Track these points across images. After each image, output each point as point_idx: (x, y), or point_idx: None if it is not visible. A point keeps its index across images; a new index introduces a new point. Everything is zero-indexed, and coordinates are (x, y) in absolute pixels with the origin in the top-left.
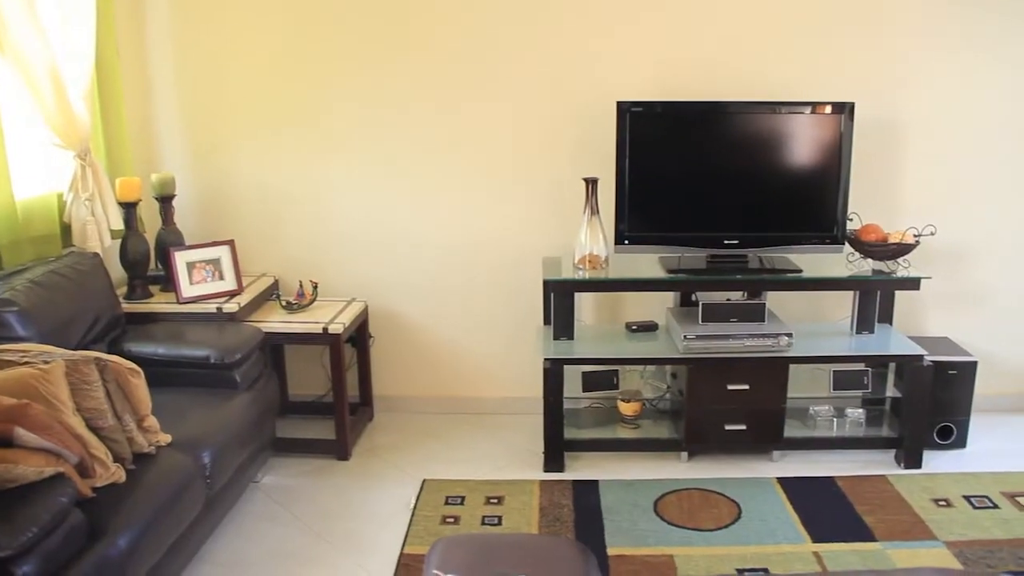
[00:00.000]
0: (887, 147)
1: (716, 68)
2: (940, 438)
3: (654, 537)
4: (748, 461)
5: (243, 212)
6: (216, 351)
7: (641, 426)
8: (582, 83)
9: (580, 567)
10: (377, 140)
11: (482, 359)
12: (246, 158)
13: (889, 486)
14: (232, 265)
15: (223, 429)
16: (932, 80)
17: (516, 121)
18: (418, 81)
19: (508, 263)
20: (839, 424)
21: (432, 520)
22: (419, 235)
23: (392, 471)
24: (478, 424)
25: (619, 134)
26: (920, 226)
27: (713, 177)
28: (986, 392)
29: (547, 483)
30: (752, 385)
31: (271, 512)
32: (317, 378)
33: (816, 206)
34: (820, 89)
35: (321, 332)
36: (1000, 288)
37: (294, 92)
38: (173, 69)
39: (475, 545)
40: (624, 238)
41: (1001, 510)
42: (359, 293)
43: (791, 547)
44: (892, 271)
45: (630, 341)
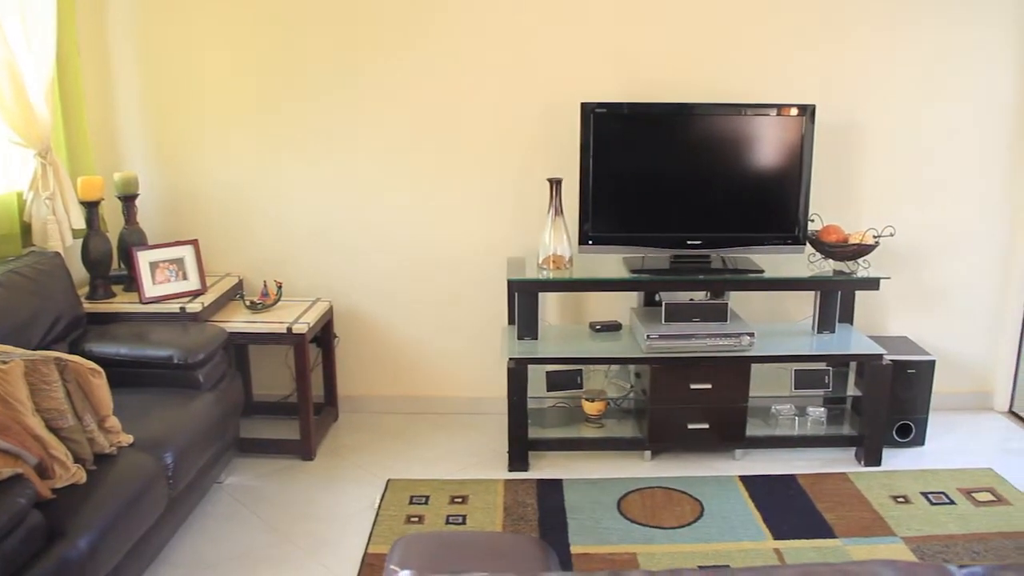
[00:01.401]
0: (848, 149)
1: (678, 69)
2: (899, 436)
3: (617, 535)
4: (711, 459)
5: (207, 212)
6: (179, 351)
7: (605, 425)
8: (547, 84)
9: (540, 563)
10: (341, 140)
11: (447, 359)
12: (210, 157)
13: (849, 484)
14: (196, 265)
15: (186, 429)
16: (891, 84)
17: (481, 121)
18: (382, 81)
19: (473, 263)
20: (800, 423)
21: (396, 520)
22: (384, 235)
23: (357, 471)
24: (443, 424)
25: (583, 135)
26: (880, 227)
27: (676, 178)
28: (944, 391)
29: (511, 482)
30: (715, 384)
31: (235, 513)
32: (282, 378)
33: (778, 207)
34: (780, 92)
35: (285, 332)
36: (957, 288)
37: (257, 91)
38: (136, 68)
39: (435, 543)
40: (588, 238)
41: (957, 506)
42: (324, 293)
43: (752, 544)
44: (852, 271)
45: (594, 341)
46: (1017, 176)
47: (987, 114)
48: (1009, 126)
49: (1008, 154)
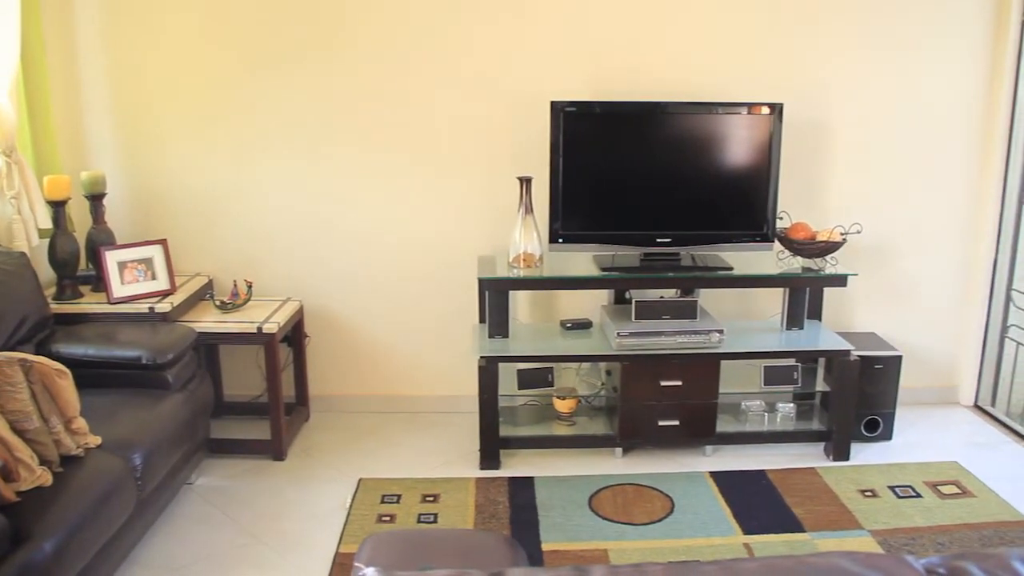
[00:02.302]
0: (816, 148)
1: (648, 68)
2: (867, 431)
3: (588, 532)
4: (681, 456)
5: (176, 211)
6: (148, 351)
7: (576, 423)
8: (517, 82)
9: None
10: (310, 140)
11: (418, 358)
12: (179, 156)
13: (818, 478)
14: (165, 265)
15: (155, 430)
16: (857, 83)
17: (451, 121)
18: (351, 80)
19: (443, 262)
20: (770, 418)
21: (368, 519)
22: (354, 234)
23: (328, 471)
24: (414, 423)
25: (553, 134)
26: (847, 224)
27: (646, 176)
28: (911, 386)
29: (483, 480)
30: (685, 381)
31: (205, 514)
32: (252, 378)
33: (747, 205)
34: (747, 90)
35: (256, 332)
36: (923, 284)
37: (227, 91)
38: (103, 66)
39: (404, 540)
40: (558, 237)
41: (924, 499)
42: (294, 292)
43: (722, 539)
44: (820, 268)
45: (565, 339)
46: (982, 175)
47: (953, 113)
48: (975, 125)
49: (973, 153)
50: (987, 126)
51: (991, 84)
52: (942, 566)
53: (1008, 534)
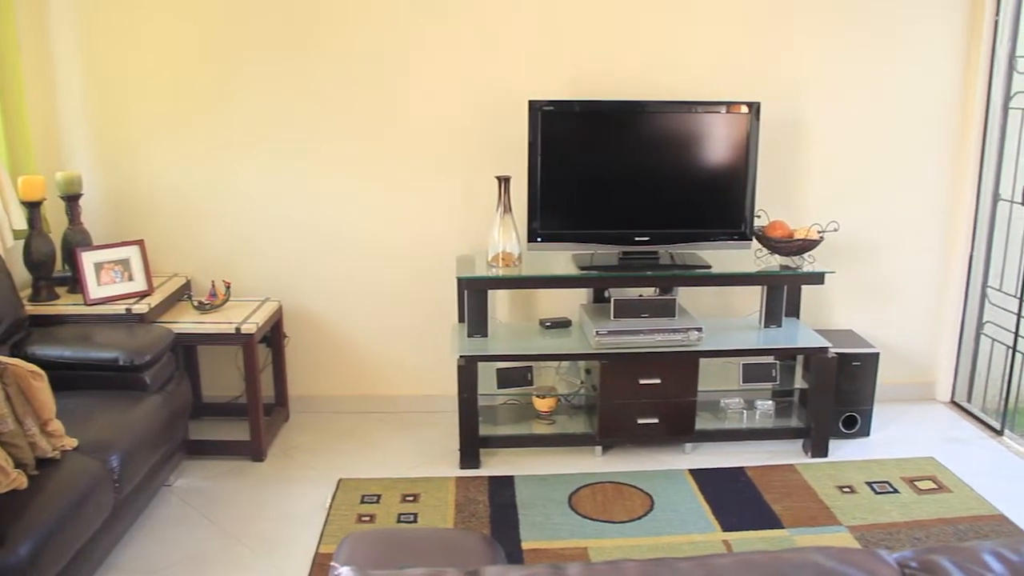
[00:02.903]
0: (793, 146)
1: (623, 68)
2: (845, 427)
3: (568, 530)
4: (661, 454)
5: (153, 211)
6: (125, 353)
7: (556, 421)
8: (495, 82)
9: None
10: (289, 139)
11: (398, 357)
12: (156, 156)
13: (797, 475)
14: (142, 265)
15: (132, 432)
16: (833, 82)
17: (429, 120)
18: (329, 80)
19: (422, 261)
20: (749, 416)
21: (348, 519)
22: (333, 234)
23: (308, 471)
24: (394, 422)
25: (531, 133)
26: (824, 222)
27: (624, 175)
28: (888, 382)
29: (463, 480)
30: (664, 379)
31: (184, 515)
32: (232, 379)
33: (725, 203)
34: (724, 90)
35: (234, 332)
36: (900, 282)
37: (204, 89)
38: (79, 65)
39: (382, 540)
40: (537, 236)
41: (901, 494)
42: (273, 293)
43: (701, 536)
44: (798, 266)
45: (544, 338)
46: (957, 172)
47: (929, 111)
48: (950, 123)
49: (948, 151)
50: (962, 124)
51: (966, 83)
52: (914, 560)
53: (983, 528)
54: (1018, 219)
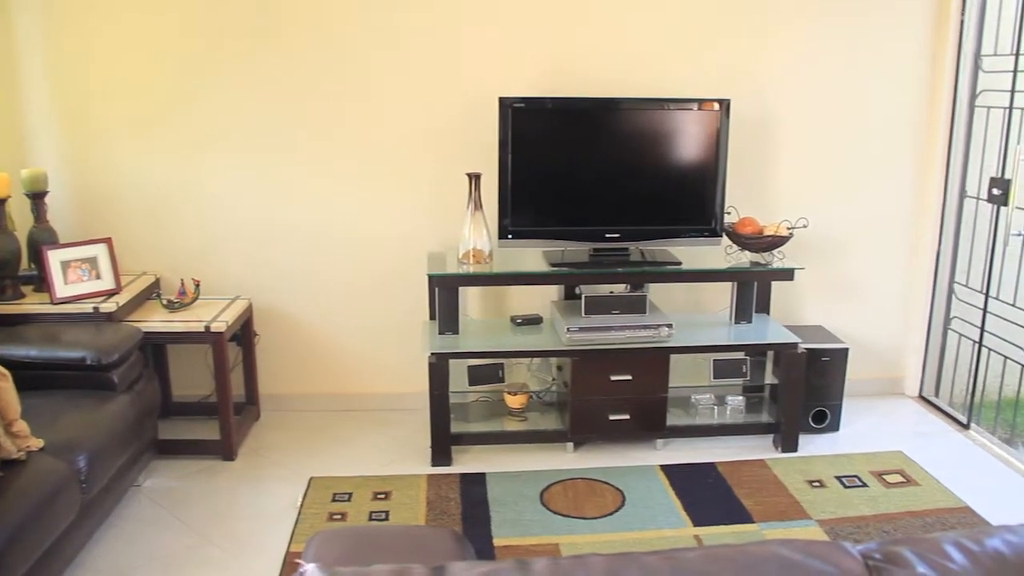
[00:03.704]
0: (763, 143)
1: (593, 65)
2: (815, 422)
3: (540, 527)
4: (632, 450)
5: (122, 209)
6: (92, 352)
7: (528, 418)
8: (466, 78)
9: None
10: (259, 136)
11: (369, 355)
12: (124, 153)
13: (767, 470)
14: (110, 264)
15: (100, 432)
16: (802, 80)
17: (400, 117)
18: (299, 76)
19: (393, 259)
20: (720, 411)
21: (319, 517)
22: (303, 231)
23: (279, 470)
24: (366, 420)
25: (501, 130)
26: (794, 219)
27: (595, 172)
28: (857, 377)
29: (435, 477)
30: (635, 375)
31: (154, 516)
32: (202, 378)
33: (695, 200)
34: (693, 87)
35: (204, 331)
36: (869, 278)
37: (173, 85)
38: (43, 61)
39: (351, 537)
40: (508, 233)
41: (870, 488)
42: (243, 291)
43: (673, 531)
44: (768, 262)
45: (515, 334)
46: (925, 170)
47: (897, 110)
48: (918, 122)
49: (916, 148)
50: (929, 122)
51: (933, 81)
52: (878, 551)
53: (950, 520)
54: (984, 216)
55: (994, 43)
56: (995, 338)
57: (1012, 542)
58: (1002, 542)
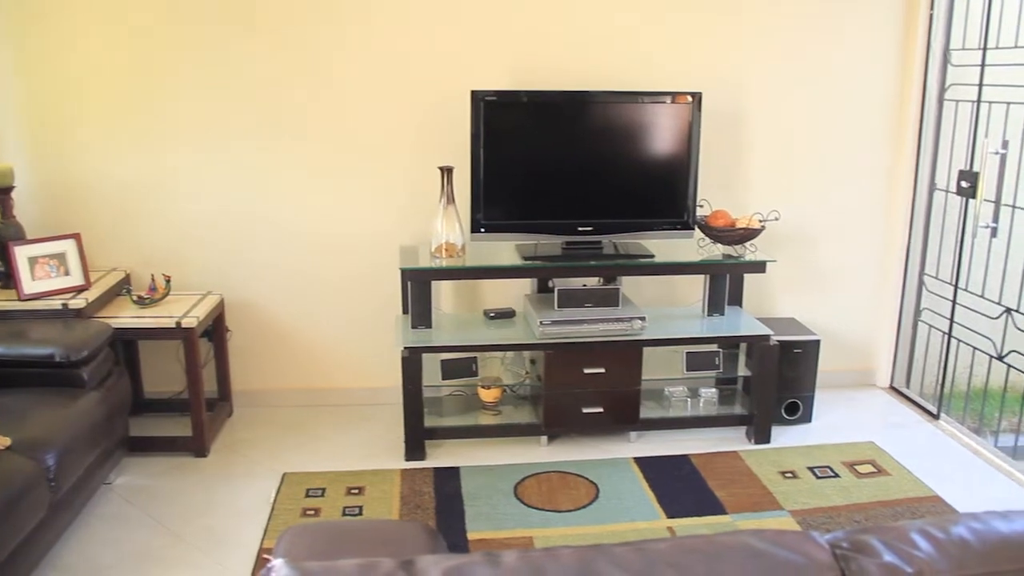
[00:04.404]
0: (735, 137)
1: (566, 57)
2: (788, 414)
3: (513, 520)
4: (606, 442)
5: (91, 204)
6: (61, 349)
7: (502, 412)
8: (438, 72)
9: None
10: (229, 130)
11: (342, 349)
12: (92, 147)
13: (740, 461)
14: (79, 259)
15: (69, 429)
16: (774, 73)
17: (372, 111)
18: (270, 70)
19: (365, 253)
20: (693, 404)
21: (292, 513)
22: (275, 226)
23: (252, 466)
24: (340, 415)
25: (473, 123)
26: (765, 212)
27: (567, 165)
28: (829, 369)
29: (408, 471)
30: (608, 368)
31: (125, 513)
32: (174, 374)
33: (667, 193)
34: (665, 80)
35: (174, 327)
36: (840, 270)
37: (142, 77)
38: (11, 55)
39: (322, 532)
40: (480, 226)
41: (841, 478)
42: (215, 286)
43: (646, 524)
44: (740, 255)
45: (488, 328)
46: (895, 163)
47: (867, 104)
48: (888, 116)
49: (886, 142)
50: (899, 116)
51: (902, 75)
52: (846, 540)
53: (920, 509)
54: (953, 208)
55: (962, 37)
56: (964, 329)
57: (976, 529)
58: (967, 529)
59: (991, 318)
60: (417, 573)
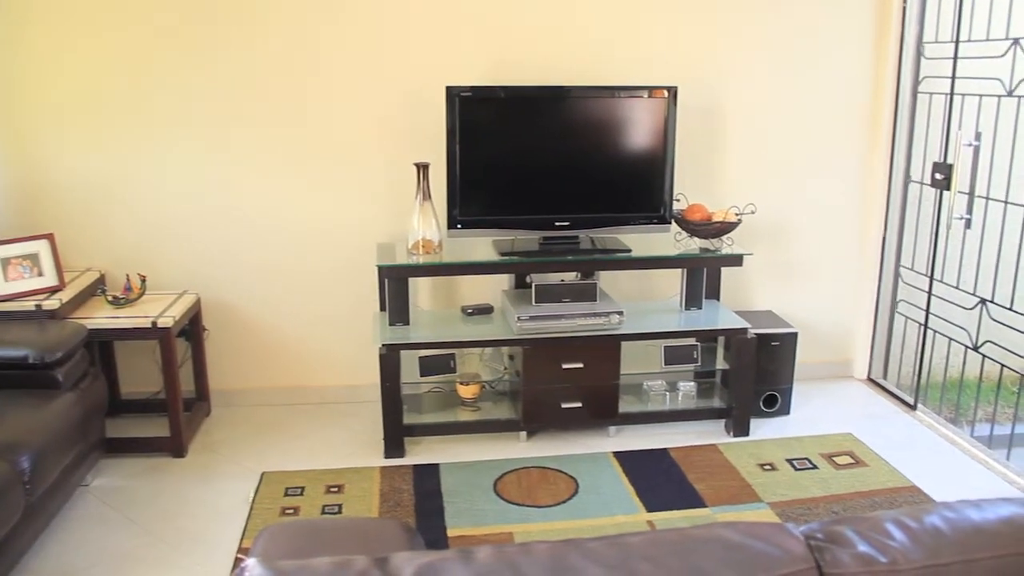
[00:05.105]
0: (711, 131)
1: (540, 53)
2: (766, 406)
3: (493, 516)
4: (585, 437)
5: (64, 204)
6: (35, 350)
7: (481, 408)
8: (413, 68)
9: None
10: (205, 127)
11: (320, 348)
12: (66, 145)
13: (719, 454)
14: (52, 260)
15: (44, 431)
16: (750, 67)
17: (347, 108)
18: (244, 65)
19: (342, 250)
20: (672, 398)
21: (271, 512)
22: (251, 224)
23: (230, 466)
24: (319, 414)
25: (449, 119)
26: (742, 205)
27: (543, 161)
28: (807, 361)
29: (388, 469)
30: (586, 363)
31: (102, 515)
32: (151, 374)
33: (644, 187)
34: (641, 75)
35: (150, 327)
36: (817, 263)
37: (113, 74)
38: None
39: (299, 531)
40: (457, 222)
41: (820, 470)
42: (191, 285)
43: (626, 517)
44: (717, 249)
45: (466, 324)
46: (870, 156)
47: (842, 97)
48: (863, 109)
49: (861, 135)
50: (874, 109)
51: (876, 68)
52: (820, 531)
53: (897, 499)
54: (928, 200)
55: (935, 30)
56: (940, 320)
57: (949, 518)
58: (940, 518)
59: (966, 309)
60: (391, 571)
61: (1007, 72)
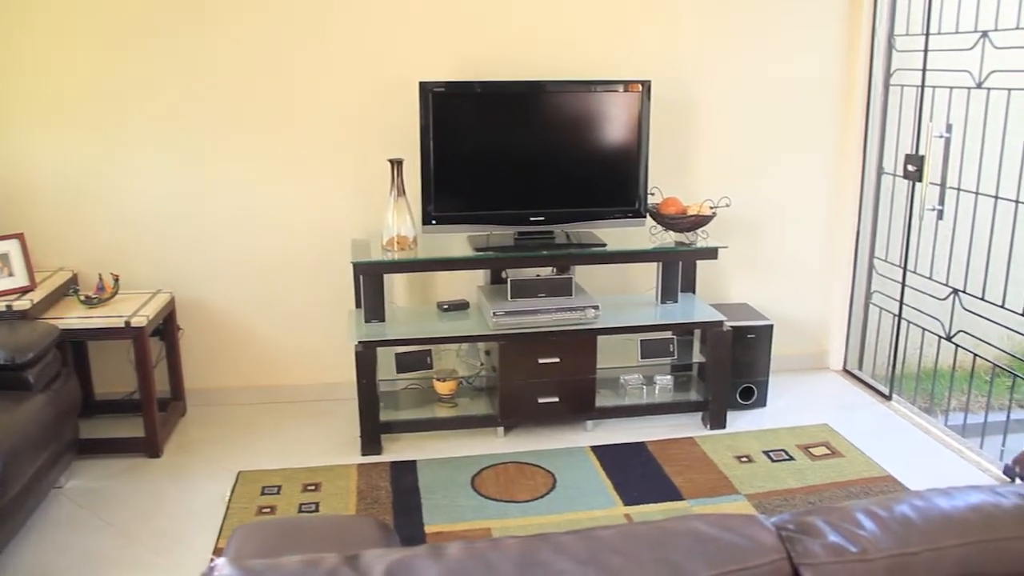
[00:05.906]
0: (685, 124)
1: (513, 48)
2: (742, 399)
3: (471, 512)
4: (562, 432)
5: (35, 203)
6: (5, 352)
7: (458, 404)
8: (387, 64)
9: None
10: (176, 124)
11: (296, 346)
12: (35, 143)
13: (696, 447)
14: (23, 260)
15: (15, 434)
16: (722, 60)
17: (321, 103)
18: (217, 62)
19: (317, 247)
20: (649, 391)
21: (248, 512)
22: (225, 222)
23: (207, 465)
24: (295, 412)
25: (423, 114)
26: (716, 198)
27: (517, 155)
28: (783, 353)
29: (364, 466)
30: (562, 358)
31: (77, 517)
32: (125, 375)
33: (619, 181)
34: (613, 69)
35: (124, 326)
36: (792, 255)
37: (85, 71)
38: None
39: (273, 530)
40: (431, 218)
41: (796, 461)
42: (165, 284)
43: (603, 512)
44: (692, 242)
45: (442, 320)
46: (843, 147)
47: (815, 90)
48: (836, 101)
49: (835, 127)
50: (846, 101)
51: (848, 61)
52: (792, 522)
53: (873, 489)
54: (901, 192)
55: (906, 23)
56: (914, 311)
57: (919, 506)
58: (909, 507)
59: (939, 299)
60: (362, 568)
61: (976, 65)
